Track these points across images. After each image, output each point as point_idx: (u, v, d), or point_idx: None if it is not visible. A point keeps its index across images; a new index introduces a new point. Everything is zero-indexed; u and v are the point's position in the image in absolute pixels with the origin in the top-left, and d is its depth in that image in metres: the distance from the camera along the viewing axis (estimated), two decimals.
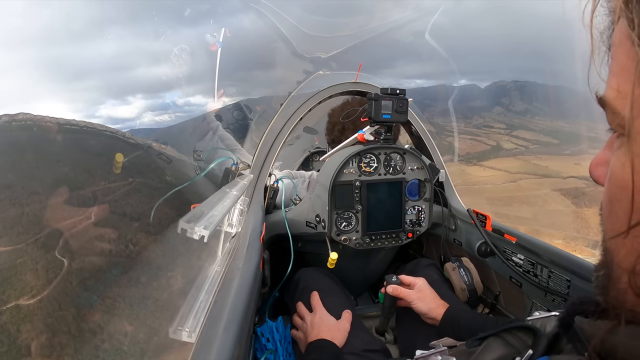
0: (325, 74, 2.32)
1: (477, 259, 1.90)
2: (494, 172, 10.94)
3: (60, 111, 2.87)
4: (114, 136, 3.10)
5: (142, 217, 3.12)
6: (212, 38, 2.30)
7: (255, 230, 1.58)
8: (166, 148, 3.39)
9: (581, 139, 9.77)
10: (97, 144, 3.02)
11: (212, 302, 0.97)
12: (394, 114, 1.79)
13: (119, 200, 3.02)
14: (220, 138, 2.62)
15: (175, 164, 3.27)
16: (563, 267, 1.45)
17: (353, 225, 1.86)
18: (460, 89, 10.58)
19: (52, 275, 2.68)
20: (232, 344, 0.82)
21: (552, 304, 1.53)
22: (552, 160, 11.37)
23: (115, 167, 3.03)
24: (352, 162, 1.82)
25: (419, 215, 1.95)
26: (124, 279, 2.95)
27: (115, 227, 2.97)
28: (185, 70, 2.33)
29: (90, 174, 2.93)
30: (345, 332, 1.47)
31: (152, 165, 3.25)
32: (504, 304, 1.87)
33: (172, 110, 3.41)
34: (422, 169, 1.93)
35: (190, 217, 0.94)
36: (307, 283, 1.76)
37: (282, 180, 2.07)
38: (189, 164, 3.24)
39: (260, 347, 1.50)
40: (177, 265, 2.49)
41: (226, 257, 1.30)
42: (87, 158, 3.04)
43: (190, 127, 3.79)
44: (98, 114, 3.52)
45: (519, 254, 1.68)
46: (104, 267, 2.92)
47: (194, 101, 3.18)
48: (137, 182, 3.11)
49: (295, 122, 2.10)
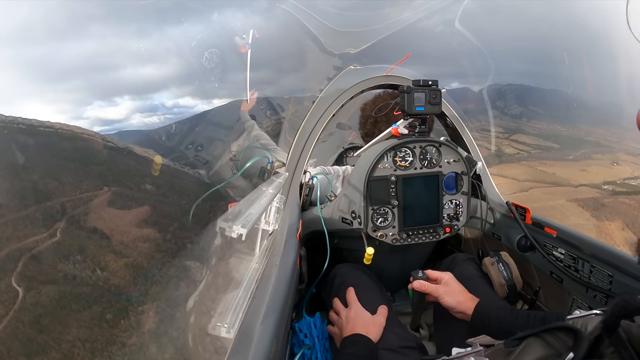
0: (356, 68, 2.30)
1: (516, 254, 1.84)
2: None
3: (43, 112, 2.66)
4: (91, 139, 2.67)
5: (114, 233, 2.64)
6: (241, 40, 2.33)
7: (291, 227, 1.60)
8: (148, 152, 3.05)
9: (581, 143, 9.20)
10: (71, 148, 2.60)
11: (250, 299, 1.00)
12: (428, 105, 1.75)
13: (89, 214, 2.55)
14: (256, 137, 2.65)
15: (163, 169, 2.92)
16: (605, 262, 1.38)
17: (389, 220, 1.84)
18: (459, 91, 10.16)
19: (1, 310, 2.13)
20: (270, 339, 0.84)
21: (593, 300, 1.47)
22: (557, 167, 10.67)
23: (154, 170, 2.83)
24: (387, 156, 1.81)
25: (457, 209, 1.90)
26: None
27: (81, 247, 2.46)
28: (213, 73, 2.31)
29: (60, 182, 2.48)
30: (380, 327, 1.47)
31: (130, 173, 2.87)
32: (544, 300, 1.81)
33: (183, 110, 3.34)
34: (458, 161, 1.88)
35: (227, 216, 0.97)
36: (343, 279, 1.76)
37: (316, 177, 2.09)
38: (177, 170, 3.05)
39: (298, 343, 1.52)
40: (211, 265, 2.08)
41: (264, 254, 1.33)
42: (59, 164, 2.58)
43: (187, 127, 3.67)
44: (86, 115, 3.34)
45: (559, 248, 1.61)
46: (68, 296, 2.36)
47: (214, 102, 3.14)
48: (112, 192, 2.68)
49: (328, 119, 2.11)
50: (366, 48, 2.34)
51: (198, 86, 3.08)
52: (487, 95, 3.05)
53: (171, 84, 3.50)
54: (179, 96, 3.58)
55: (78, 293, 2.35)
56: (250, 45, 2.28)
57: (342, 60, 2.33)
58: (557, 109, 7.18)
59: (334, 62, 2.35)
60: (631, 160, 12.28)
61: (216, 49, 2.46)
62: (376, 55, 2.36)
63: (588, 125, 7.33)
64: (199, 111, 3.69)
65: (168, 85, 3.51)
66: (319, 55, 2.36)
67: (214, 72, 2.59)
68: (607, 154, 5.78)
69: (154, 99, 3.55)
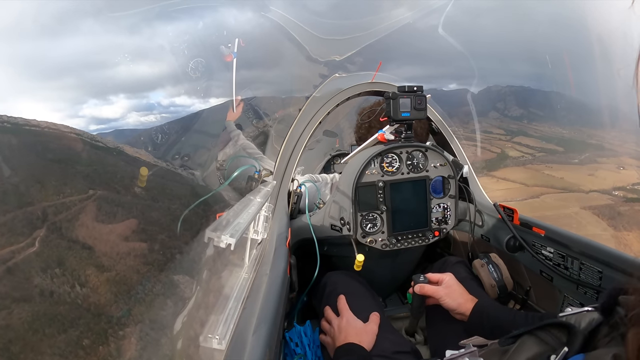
0: (342, 76, 2.32)
1: (506, 254, 1.85)
2: (509, 184, 10.32)
3: (38, 111, 2.52)
4: (79, 139, 2.41)
5: (98, 243, 2.37)
6: (226, 49, 2.33)
7: (280, 235, 1.59)
8: (140, 152, 2.84)
9: (584, 146, 9.25)
10: (57, 148, 2.36)
11: (241, 309, 0.98)
12: (413, 111, 1.77)
13: (72, 220, 2.29)
14: (242, 147, 2.64)
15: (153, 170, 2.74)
16: (594, 259, 1.41)
17: (378, 226, 1.84)
18: (455, 92, 10.24)
19: None
20: (262, 349, 0.83)
21: (584, 297, 1.49)
22: (563, 171, 10.60)
23: (140, 181, 2.69)
24: (374, 162, 1.81)
25: (445, 212, 1.92)
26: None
27: (61, 259, 2.20)
28: (202, 82, 2.26)
29: (43, 185, 2.25)
30: (373, 335, 1.46)
31: (119, 175, 2.65)
32: (535, 299, 1.82)
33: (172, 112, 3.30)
34: (445, 165, 1.90)
35: (216, 226, 0.96)
36: (333, 287, 1.76)
37: (304, 184, 2.08)
38: (168, 170, 2.92)
39: (290, 353, 1.51)
40: (200, 275, 1.83)
41: (253, 263, 1.31)
42: (43, 165, 2.34)
43: (177, 128, 3.57)
44: (82, 113, 3.24)
45: (548, 246, 1.63)
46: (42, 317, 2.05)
47: (188, 104, 3.10)
48: (98, 196, 2.41)
49: (314, 126, 2.12)
50: (351, 55, 2.36)
51: (184, 93, 3.00)
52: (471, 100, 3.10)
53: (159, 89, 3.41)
54: (173, 95, 3.48)
55: (53, 314, 2.07)
56: (236, 54, 2.28)
57: (328, 67, 2.35)
58: (557, 111, 7.28)
59: (320, 70, 2.36)
60: (636, 164, 12.27)
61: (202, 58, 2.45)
62: (361, 63, 2.38)
63: (588, 128, 7.44)
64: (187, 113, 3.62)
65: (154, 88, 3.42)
66: (305, 63, 2.37)
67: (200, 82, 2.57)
68: (612, 157, 5.85)
69: (149, 98, 3.49)
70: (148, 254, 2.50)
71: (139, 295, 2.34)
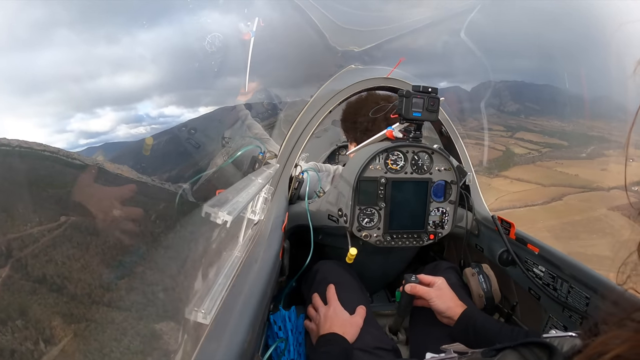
0: (357, 68, 2.30)
1: (497, 267, 1.86)
2: (525, 185, 10.03)
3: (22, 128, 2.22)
4: (53, 157, 2.28)
5: (68, 282, 2.05)
6: (245, 27, 2.30)
7: (277, 219, 1.59)
8: (122, 168, 2.81)
9: (587, 139, 9.03)
10: (27, 169, 2.18)
11: (229, 286, 0.99)
12: (425, 112, 1.76)
13: (38, 256, 1.96)
14: (248, 127, 2.62)
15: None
16: (583, 284, 1.40)
17: (375, 222, 1.84)
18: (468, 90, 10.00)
19: None
20: (246, 328, 0.84)
21: (568, 320, 1.49)
22: (575, 167, 10.26)
23: (144, 150, 2.65)
24: (379, 158, 1.81)
25: (442, 217, 1.92)
26: None
27: (23, 307, 1.81)
28: (215, 63, 2.21)
29: (9, 214, 1.93)
30: (357, 328, 1.48)
31: (96, 196, 2.26)
32: (520, 315, 1.83)
33: None
34: (449, 170, 1.89)
35: (215, 202, 0.96)
36: (324, 275, 1.77)
37: (307, 171, 2.08)
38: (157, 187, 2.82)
39: (272, 335, 1.52)
40: (192, 248, 1.71)
41: (247, 243, 1.32)
42: (11, 190, 2.07)
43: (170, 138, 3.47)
44: (69, 127, 2.90)
45: (540, 265, 1.63)
46: None
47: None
48: (70, 224, 2.19)
49: (324, 115, 2.11)
50: (370, 48, 2.33)
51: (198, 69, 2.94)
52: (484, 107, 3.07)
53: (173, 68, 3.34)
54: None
55: None
56: (254, 33, 2.25)
57: (345, 57, 2.32)
58: (553, 104, 7.01)
59: (336, 59, 2.33)
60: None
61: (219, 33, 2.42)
62: (379, 56, 2.35)
63: (585, 120, 7.17)
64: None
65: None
66: (323, 50, 2.33)
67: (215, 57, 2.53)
68: (618, 149, 5.66)
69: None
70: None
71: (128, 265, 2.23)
